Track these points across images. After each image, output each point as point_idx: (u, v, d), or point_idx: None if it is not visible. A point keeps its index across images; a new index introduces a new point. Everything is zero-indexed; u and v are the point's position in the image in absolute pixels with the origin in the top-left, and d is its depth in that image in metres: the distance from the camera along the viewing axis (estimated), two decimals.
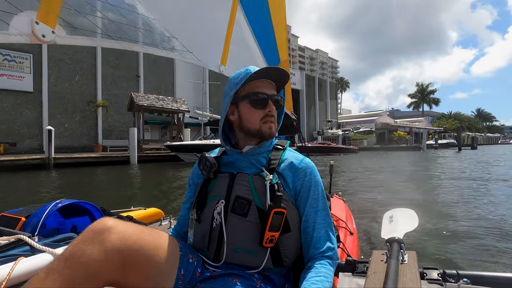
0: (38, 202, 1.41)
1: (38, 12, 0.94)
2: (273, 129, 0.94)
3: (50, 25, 0.98)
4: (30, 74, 19.31)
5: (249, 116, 0.94)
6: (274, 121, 0.95)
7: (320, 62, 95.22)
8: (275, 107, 0.95)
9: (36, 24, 0.94)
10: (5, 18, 0.89)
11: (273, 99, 0.94)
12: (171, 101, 20.39)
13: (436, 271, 0.89)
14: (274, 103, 0.94)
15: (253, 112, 0.93)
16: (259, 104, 0.93)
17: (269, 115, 0.93)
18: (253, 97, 0.93)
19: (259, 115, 0.93)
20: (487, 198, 5.20)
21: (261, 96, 0.93)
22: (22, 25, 0.92)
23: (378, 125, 48.31)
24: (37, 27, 0.94)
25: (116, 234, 0.68)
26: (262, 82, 0.94)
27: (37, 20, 0.94)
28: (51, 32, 0.99)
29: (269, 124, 0.93)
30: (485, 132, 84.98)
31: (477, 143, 42.25)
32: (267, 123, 0.93)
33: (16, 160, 12.40)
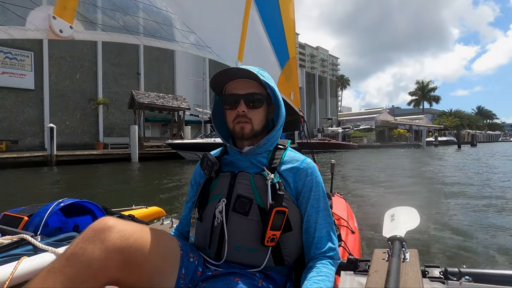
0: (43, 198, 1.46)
1: (55, 7, 0.93)
2: (245, 130, 0.92)
3: (68, 20, 0.96)
4: (31, 72, 19.38)
5: (227, 117, 0.96)
6: (249, 120, 0.92)
7: (321, 59, 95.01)
8: (253, 105, 0.92)
9: (53, 19, 0.92)
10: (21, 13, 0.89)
11: (247, 98, 0.91)
12: (171, 99, 20.47)
13: (438, 269, 0.89)
14: (249, 102, 0.92)
15: (228, 114, 0.95)
16: (230, 105, 0.93)
17: (240, 115, 0.91)
18: (225, 98, 0.94)
19: (231, 116, 0.93)
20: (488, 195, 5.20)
21: (230, 97, 0.93)
22: (39, 20, 0.91)
23: (378, 122, 48.33)
24: (54, 22, 0.93)
25: (117, 233, 0.68)
26: (237, 83, 0.93)
27: (54, 15, 0.93)
28: (69, 27, 0.97)
29: (240, 124, 0.92)
30: (485, 130, 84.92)
31: (476, 141, 42.26)
32: (239, 123, 0.92)
33: (18, 157, 12.53)
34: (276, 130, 0.96)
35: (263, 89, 0.94)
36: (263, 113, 0.95)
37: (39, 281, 0.61)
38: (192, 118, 23.97)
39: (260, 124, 0.95)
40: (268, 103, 0.96)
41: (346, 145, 31.53)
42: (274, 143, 0.98)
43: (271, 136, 0.95)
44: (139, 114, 18.91)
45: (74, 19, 0.99)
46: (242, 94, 0.91)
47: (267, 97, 0.95)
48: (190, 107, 21.25)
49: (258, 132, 0.94)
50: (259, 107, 0.93)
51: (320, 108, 43.64)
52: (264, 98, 0.94)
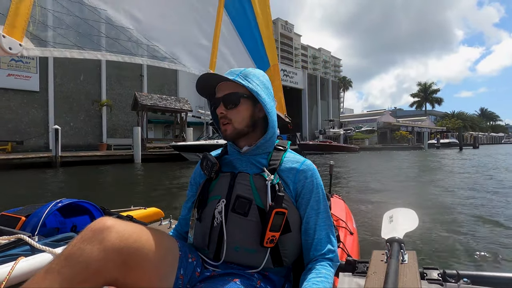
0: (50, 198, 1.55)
1: (5, 26, 0.98)
2: (228, 131, 0.93)
3: (17, 38, 1.00)
4: (36, 74, 19.71)
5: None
6: (229, 121, 0.92)
7: (323, 61, 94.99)
8: (229, 105, 0.92)
9: (2, 37, 0.96)
10: None
11: (224, 100, 0.92)
12: (174, 101, 20.71)
13: (436, 271, 0.89)
14: (225, 103, 0.91)
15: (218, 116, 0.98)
16: (215, 109, 0.95)
17: (221, 116, 0.93)
18: (212, 103, 0.98)
19: (218, 119, 0.96)
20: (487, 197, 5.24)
21: (213, 102, 0.96)
22: None
23: (380, 124, 48.30)
24: (3, 40, 0.96)
25: (116, 233, 0.68)
26: (222, 85, 0.94)
27: (3, 34, 0.97)
28: (18, 45, 1.00)
29: (223, 126, 0.94)
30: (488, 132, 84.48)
31: (479, 143, 42.14)
32: (222, 125, 0.94)
33: (24, 158, 12.78)
34: (273, 129, 0.94)
35: (245, 89, 0.91)
36: (245, 111, 0.93)
37: (37, 281, 0.61)
38: (195, 120, 24.19)
39: (242, 123, 0.93)
40: (254, 101, 0.93)
41: (347, 147, 31.56)
42: (273, 144, 0.97)
43: (269, 136, 0.94)
44: (142, 115, 19.15)
45: (23, 37, 1.02)
46: (220, 97, 0.92)
47: (251, 95, 0.92)
48: (192, 109, 21.47)
49: (243, 132, 0.93)
50: (236, 107, 0.92)
51: (322, 110, 43.67)
52: (242, 96, 0.92)
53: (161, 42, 1.52)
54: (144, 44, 1.46)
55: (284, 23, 78.86)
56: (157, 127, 25.66)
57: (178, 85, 26.82)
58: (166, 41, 1.55)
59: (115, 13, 1.33)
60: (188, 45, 1.69)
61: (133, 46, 1.43)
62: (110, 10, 1.31)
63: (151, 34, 1.47)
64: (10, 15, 0.99)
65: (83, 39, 1.24)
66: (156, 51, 1.52)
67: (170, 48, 1.58)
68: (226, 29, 1.91)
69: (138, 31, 1.41)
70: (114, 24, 1.33)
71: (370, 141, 43.86)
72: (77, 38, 1.21)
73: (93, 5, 1.24)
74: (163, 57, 1.56)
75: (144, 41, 1.45)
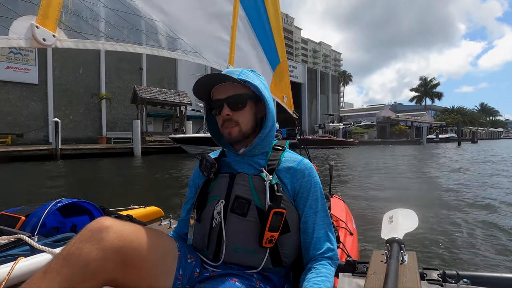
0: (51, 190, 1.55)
1: (38, 17, 0.98)
2: (232, 134, 0.92)
3: (50, 29, 1.00)
4: (35, 66, 19.63)
5: (218, 123, 0.97)
6: (236, 123, 0.92)
7: (323, 55, 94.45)
8: (235, 107, 0.91)
9: (36, 28, 0.97)
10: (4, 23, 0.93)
11: (228, 101, 0.91)
12: (173, 94, 20.69)
13: (436, 272, 0.90)
14: (231, 105, 0.91)
15: (217, 120, 0.96)
16: (216, 111, 0.94)
17: (226, 119, 0.92)
18: (211, 106, 0.96)
19: (219, 122, 0.95)
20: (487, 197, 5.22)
21: (214, 103, 0.94)
22: (22, 30, 0.95)
23: (380, 118, 48.32)
24: (37, 31, 0.97)
25: (114, 233, 0.68)
26: (220, 87, 0.93)
27: (37, 25, 0.97)
28: (51, 36, 1.00)
29: (227, 129, 0.93)
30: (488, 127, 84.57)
31: (477, 138, 42.21)
32: (226, 128, 0.93)
33: (24, 150, 12.84)
34: (268, 128, 0.93)
35: (248, 89, 0.93)
36: (250, 112, 0.94)
37: (36, 281, 0.61)
38: (194, 113, 24.14)
39: (249, 124, 0.94)
40: (256, 101, 0.95)
41: (346, 142, 31.69)
42: (270, 144, 0.97)
43: (263, 136, 0.93)
44: (142, 109, 19.14)
45: (56, 28, 1.03)
46: (224, 98, 0.91)
47: (253, 95, 0.94)
48: (192, 102, 21.44)
49: (248, 133, 0.94)
50: (243, 108, 0.92)
51: (321, 104, 43.58)
52: (248, 97, 0.92)
53: (185, 35, 1.54)
54: (171, 38, 1.48)
55: (285, 16, 78.16)
56: (156, 121, 25.65)
57: (178, 79, 26.73)
58: (190, 35, 1.57)
59: (143, 5, 1.34)
60: (209, 39, 1.71)
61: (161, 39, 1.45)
62: (138, 1, 1.31)
63: (176, 27, 1.49)
64: (42, 5, 0.99)
65: (113, 31, 1.24)
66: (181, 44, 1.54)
67: (194, 42, 1.59)
68: (243, 24, 1.94)
69: (165, 24, 1.43)
70: (143, 16, 1.34)
71: (369, 135, 43.92)
72: (108, 30, 1.22)
73: None
74: (187, 50, 1.58)
75: (171, 34, 1.47)
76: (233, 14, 1.83)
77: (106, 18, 1.22)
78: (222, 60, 1.79)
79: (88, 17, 1.15)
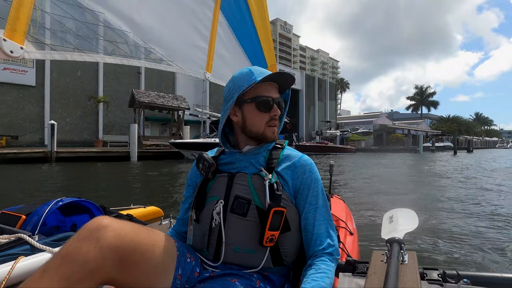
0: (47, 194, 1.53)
1: (5, 30, 1.00)
2: (275, 133, 0.96)
3: (18, 41, 1.02)
4: (33, 68, 19.53)
5: (254, 118, 0.93)
6: (277, 125, 0.96)
7: (321, 62, 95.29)
8: (281, 110, 0.96)
9: (3, 41, 0.99)
10: None
11: (277, 103, 0.94)
12: (171, 98, 20.66)
13: (436, 272, 0.90)
14: (278, 107, 0.95)
15: (258, 115, 0.93)
16: (265, 107, 0.93)
17: (274, 118, 0.94)
18: (260, 100, 0.92)
19: (264, 119, 0.93)
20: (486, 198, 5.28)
21: (267, 99, 0.93)
22: None
23: (376, 126, 48.64)
24: (4, 44, 0.99)
25: (112, 232, 0.68)
26: (268, 85, 0.94)
27: (4, 38, 0.99)
28: (19, 48, 1.02)
29: (273, 128, 0.94)
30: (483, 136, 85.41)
31: (473, 147, 42.54)
32: (271, 126, 0.94)
33: (19, 152, 12.67)
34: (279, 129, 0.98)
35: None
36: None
37: (35, 281, 0.61)
38: (192, 118, 24.15)
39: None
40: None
41: (343, 149, 31.79)
42: (273, 143, 0.98)
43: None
44: (139, 113, 19.07)
45: (24, 40, 1.04)
46: (275, 98, 0.94)
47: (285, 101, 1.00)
48: (189, 107, 21.44)
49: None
50: (282, 111, 0.98)
51: (319, 111, 43.84)
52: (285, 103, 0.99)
53: (158, 44, 1.55)
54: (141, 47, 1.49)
55: (283, 23, 78.98)
56: (153, 125, 25.58)
57: (176, 83, 26.76)
58: (163, 44, 1.57)
59: (112, 16, 1.35)
60: (185, 47, 1.71)
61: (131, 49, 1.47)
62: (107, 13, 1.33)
63: (148, 37, 1.50)
64: (10, 18, 1.01)
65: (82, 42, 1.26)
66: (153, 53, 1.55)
67: (167, 51, 1.60)
68: (223, 31, 1.93)
69: (135, 33, 1.44)
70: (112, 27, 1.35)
71: (366, 143, 44.13)
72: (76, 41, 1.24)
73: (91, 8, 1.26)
74: (160, 59, 1.59)
75: (141, 43, 1.48)
76: (213, 21, 1.83)
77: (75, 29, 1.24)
78: (199, 67, 1.79)
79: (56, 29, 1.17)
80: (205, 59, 1.80)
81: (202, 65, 1.80)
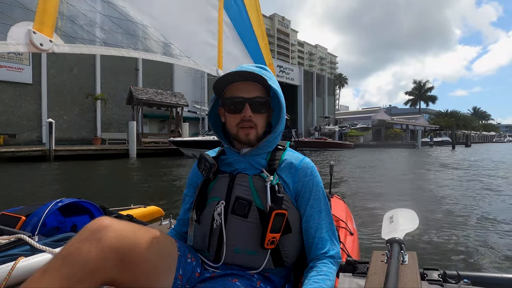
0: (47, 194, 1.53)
1: (35, 23, 1.01)
2: (250, 136, 0.90)
3: (47, 34, 1.03)
4: (29, 66, 19.36)
5: (228, 120, 0.92)
6: (254, 125, 0.90)
7: (319, 57, 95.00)
8: (258, 110, 0.90)
9: (33, 33, 0.99)
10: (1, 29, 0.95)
11: (252, 102, 0.88)
12: (170, 95, 20.56)
13: (436, 272, 0.90)
14: (254, 106, 0.89)
15: (229, 117, 0.91)
16: (234, 108, 0.89)
17: (245, 119, 0.89)
18: (228, 101, 0.90)
19: (235, 120, 0.90)
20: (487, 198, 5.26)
21: (235, 100, 0.89)
22: (20, 35, 0.98)
23: (375, 121, 48.70)
24: (34, 37, 0.99)
25: (113, 232, 0.68)
26: (242, 85, 0.89)
27: (34, 30, 1.00)
28: (48, 41, 1.03)
29: (245, 130, 0.89)
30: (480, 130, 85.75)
31: (471, 141, 42.73)
32: (243, 128, 0.89)
33: (17, 151, 12.60)
34: (278, 132, 0.94)
35: (266, 92, 0.92)
36: (266, 117, 0.94)
37: (35, 281, 0.61)
38: (190, 115, 24.06)
39: (263, 129, 0.93)
40: (269, 106, 0.94)
41: (342, 144, 31.82)
42: (274, 145, 0.96)
43: (272, 138, 0.93)
44: (138, 110, 18.98)
45: (53, 33, 1.05)
46: (248, 98, 0.88)
47: (269, 100, 0.93)
48: (188, 103, 21.35)
49: (261, 137, 0.93)
50: (264, 112, 0.91)
51: (317, 107, 43.79)
52: (268, 102, 0.92)
53: (176, 40, 1.57)
54: (162, 42, 1.51)
55: (281, 18, 78.49)
56: (152, 122, 25.48)
57: (174, 80, 26.60)
58: (181, 40, 1.60)
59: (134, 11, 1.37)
60: (198, 44, 1.75)
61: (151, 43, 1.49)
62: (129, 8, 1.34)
63: (167, 32, 1.52)
64: (39, 11, 1.01)
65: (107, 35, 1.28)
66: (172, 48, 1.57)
67: (184, 47, 1.62)
68: (228, 30, 1.98)
69: (156, 29, 1.46)
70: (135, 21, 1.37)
71: (364, 138, 44.18)
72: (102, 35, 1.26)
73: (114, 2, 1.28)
74: (179, 55, 1.61)
75: (162, 38, 1.50)
76: (218, 20, 1.88)
77: (100, 23, 1.25)
78: (212, 64, 1.83)
79: (83, 22, 1.18)
80: (216, 56, 1.85)
81: (214, 62, 1.84)
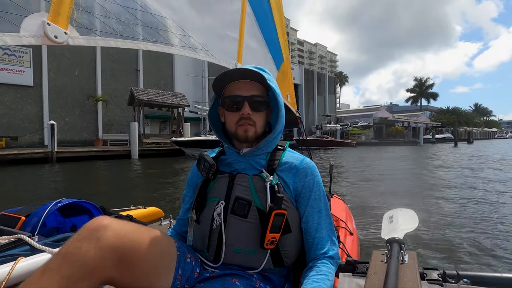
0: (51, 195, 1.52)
1: (49, 14, 0.95)
2: (249, 133, 0.90)
3: (62, 26, 0.98)
4: (30, 68, 19.34)
5: (227, 119, 0.93)
6: (253, 123, 0.90)
7: (319, 56, 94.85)
8: (257, 108, 0.91)
9: (48, 25, 0.94)
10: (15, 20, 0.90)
11: (251, 101, 0.89)
12: (171, 96, 20.55)
13: (436, 272, 0.90)
14: (253, 104, 0.90)
15: (229, 115, 0.92)
16: (233, 107, 0.90)
17: (244, 117, 0.89)
18: (227, 100, 0.91)
19: (234, 118, 0.91)
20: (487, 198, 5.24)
21: (234, 98, 0.90)
22: (33, 27, 0.93)
23: (376, 119, 48.60)
24: (49, 28, 0.94)
25: (112, 231, 0.68)
26: (241, 83, 0.90)
27: (48, 22, 0.95)
28: (63, 33, 0.98)
29: (244, 127, 0.90)
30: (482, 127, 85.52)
31: (473, 138, 42.57)
32: (242, 126, 0.90)
33: (19, 153, 12.62)
34: (277, 132, 0.94)
35: (265, 91, 0.93)
36: (265, 115, 0.94)
37: (35, 280, 0.61)
38: (191, 115, 24.06)
39: (262, 128, 0.94)
40: (268, 105, 0.95)
41: (344, 143, 31.75)
42: (274, 145, 0.96)
43: (271, 138, 0.93)
44: (139, 111, 18.97)
45: (68, 25, 1.00)
46: (247, 96, 0.89)
47: (268, 99, 0.94)
48: (189, 104, 21.33)
49: (260, 136, 0.93)
50: (263, 110, 0.92)
51: (318, 105, 43.72)
52: (267, 101, 0.93)
53: (195, 33, 1.53)
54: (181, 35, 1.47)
55: None
56: (153, 122, 25.47)
57: (175, 80, 26.57)
58: (199, 32, 1.56)
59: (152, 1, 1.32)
60: (217, 37, 1.70)
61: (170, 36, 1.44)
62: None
63: (185, 24, 1.48)
64: (54, 1, 0.96)
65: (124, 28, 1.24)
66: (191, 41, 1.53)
67: (203, 39, 1.58)
68: (250, 22, 1.93)
69: (174, 21, 1.42)
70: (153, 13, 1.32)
71: (366, 136, 44.11)
72: (119, 27, 1.21)
73: None
74: (197, 48, 1.57)
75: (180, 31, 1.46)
76: (241, 11, 1.82)
77: (117, 15, 1.20)
78: (230, 57, 1.78)
79: (99, 14, 1.14)
80: (235, 49, 1.80)
81: (233, 55, 1.79)
